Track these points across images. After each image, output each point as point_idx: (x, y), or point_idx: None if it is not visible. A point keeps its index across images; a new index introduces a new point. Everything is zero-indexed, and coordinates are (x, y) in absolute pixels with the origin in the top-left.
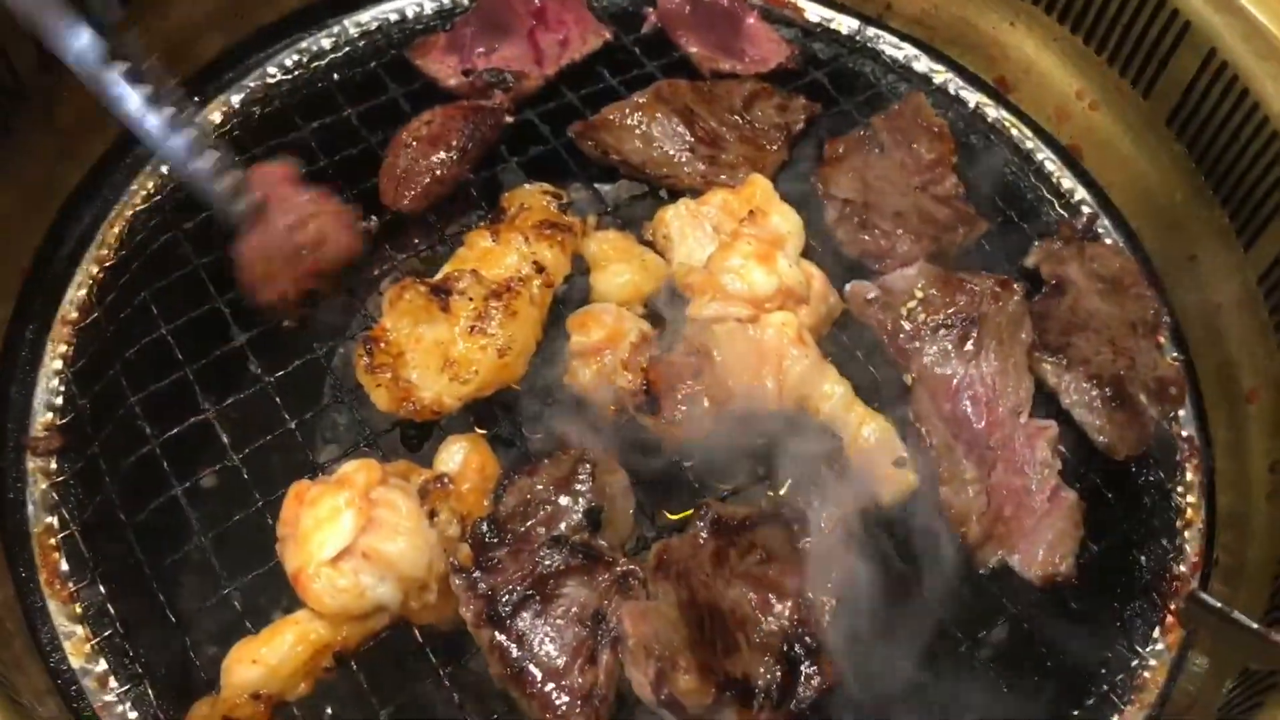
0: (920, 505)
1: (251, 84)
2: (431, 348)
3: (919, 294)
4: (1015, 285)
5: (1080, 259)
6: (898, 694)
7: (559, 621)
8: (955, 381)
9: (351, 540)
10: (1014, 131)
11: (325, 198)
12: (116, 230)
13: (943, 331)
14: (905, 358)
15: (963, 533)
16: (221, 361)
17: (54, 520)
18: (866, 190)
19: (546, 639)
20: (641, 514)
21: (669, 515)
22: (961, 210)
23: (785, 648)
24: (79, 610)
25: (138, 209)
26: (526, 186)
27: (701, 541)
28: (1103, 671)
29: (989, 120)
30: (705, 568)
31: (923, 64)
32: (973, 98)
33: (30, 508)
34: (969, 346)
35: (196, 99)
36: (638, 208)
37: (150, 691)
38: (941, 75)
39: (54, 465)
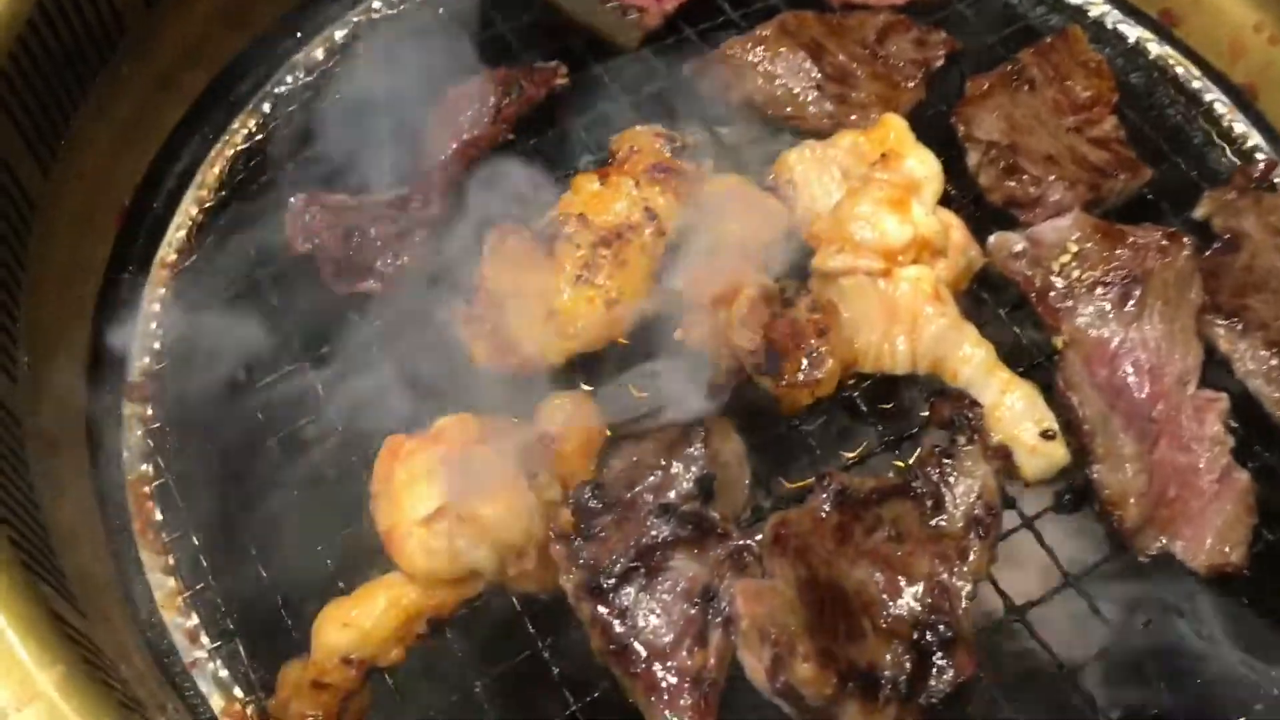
0: (1069, 483)
1: (357, 19)
2: (534, 298)
3: (1073, 247)
4: (1185, 239)
5: (1257, 210)
6: (1039, 691)
7: (666, 597)
8: (1113, 346)
9: (446, 500)
10: (1179, 70)
11: None
12: (216, 170)
13: (1100, 290)
14: (1055, 318)
15: (1118, 515)
16: (319, 309)
17: (149, 468)
18: (1013, 131)
19: (652, 615)
20: (757, 483)
21: (786, 484)
22: (1121, 155)
23: (916, 636)
24: (171, 562)
25: (238, 148)
26: (638, 128)
27: (823, 515)
28: (1273, 674)
29: (1151, 57)
30: (827, 544)
31: None
32: (1133, 32)
33: (125, 454)
34: (1130, 307)
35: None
36: (758, 150)
37: (241, 649)
38: (1098, 8)
39: (150, 411)
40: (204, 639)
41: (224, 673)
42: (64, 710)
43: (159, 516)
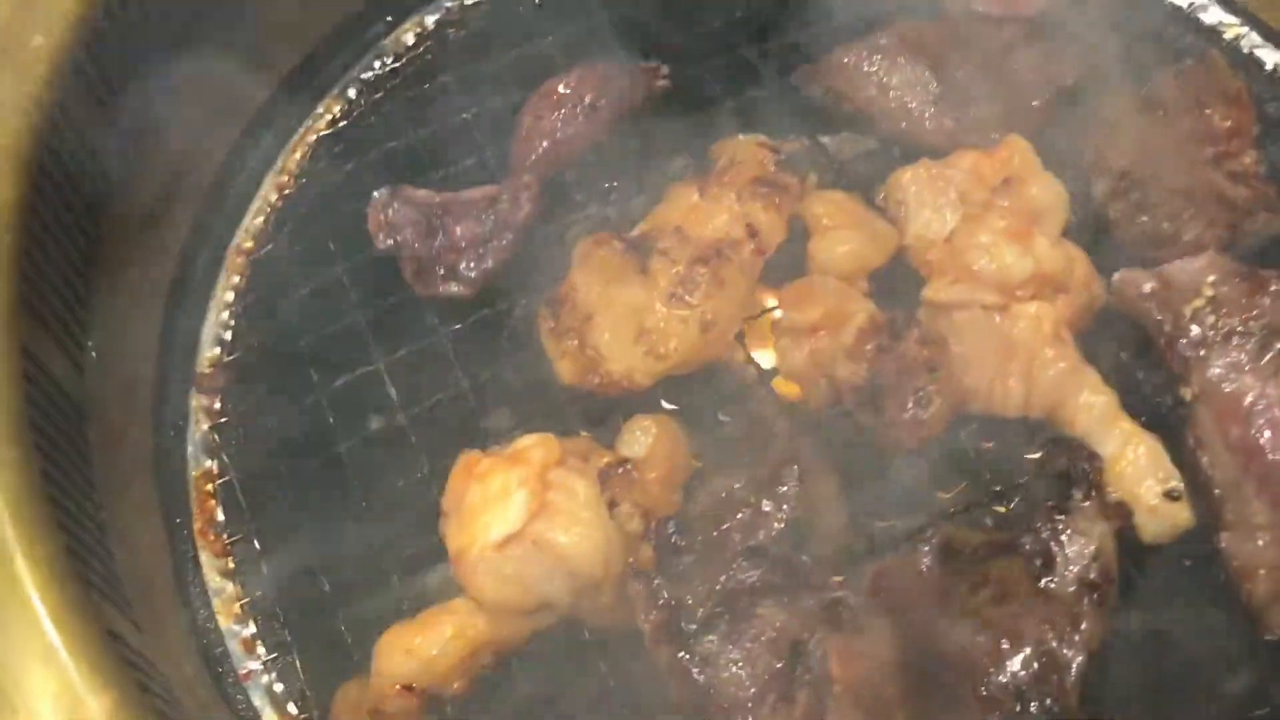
0: (1194, 548)
1: (450, 4)
2: (625, 313)
3: (1209, 291)
4: None
5: None
6: None
7: (751, 647)
8: (1249, 402)
9: (522, 525)
10: None
11: None
12: (298, 156)
13: (1236, 339)
14: (1185, 367)
15: (1248, 590)
16: (397, 308)
17: (213, 465)
18: (1147, 162)
19: (735, 666)
20: (850, 525)
21: (880, 524)
22: (1261, 191)
23: (1019, 708)
24: (231, 565)
25: (321, 134)
26: (740, 136)
27: (924, 569)
28: None
29: None
30: (928, 602)
31: (1212, 14)
32: (1271, 58)
33: (190, 448)
34: (1269, 360)
35: (390, 17)
36: (868, 167)
37: (298, 663)
38: (1233, 29)
39: (218, 405)
40: (260, 649)
41: (279, 687)
42: None
43: (221, 516)
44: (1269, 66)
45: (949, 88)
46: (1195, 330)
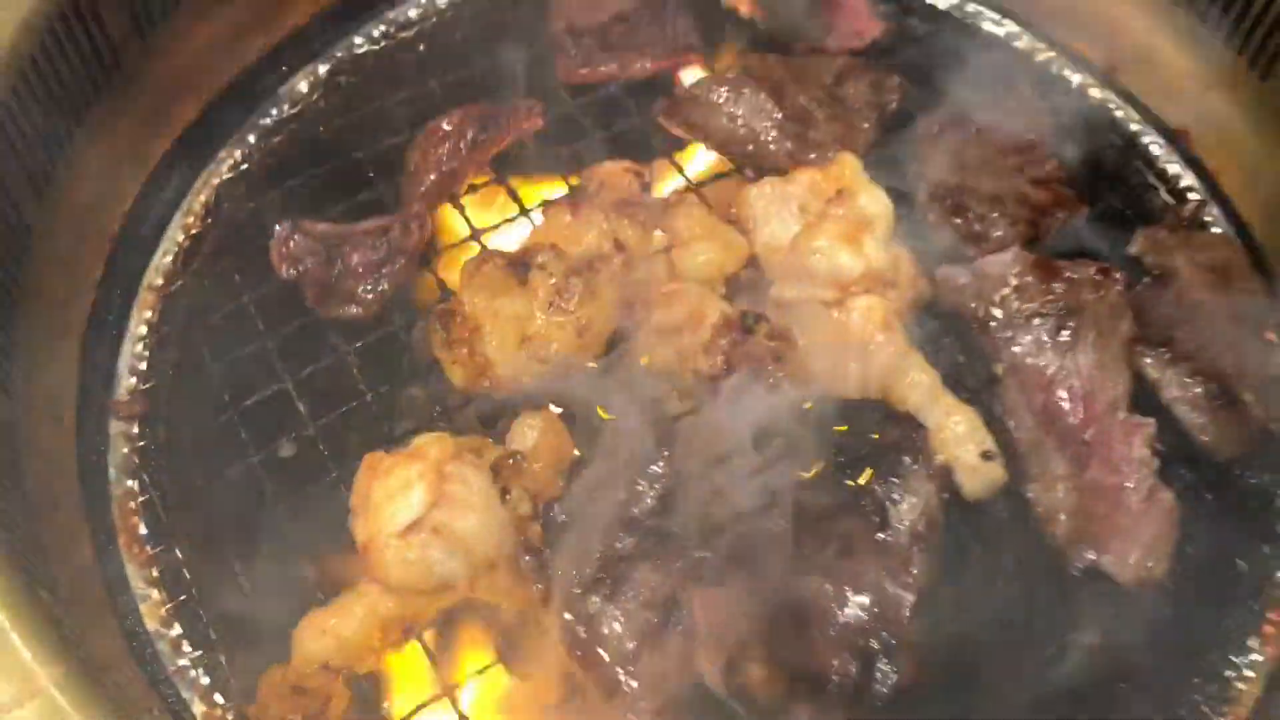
0: (1006, 501)
1: (339, 54)
2: (509, 323)
3: (1013, 281)
4: (1117, 274)
5: (1186, 248)
6: (977, 695)
7: (629, 606)
8: (1049, 373)
9: (422, 514)
10: (1119, 114)
11: None
12: (203, 199)
13: (1037, 321)
14: (996, 347)
15: (1050, 531)
16: (302, 331)
17: (134, 484)
18: (961, 172)
19: (616, 623)
20: (718, 499)
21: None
22: (1061, 193)
23: (862, 643)
24: (155, 574)
25: (224, 178)
26: (608, 163)
27: (779, 530)
28: (1194, 681)
29: (1093, 101)
30: (783, 557)
31: (1024, 42)
32: (1076, 77)
33: (112, 471)
34: (1065, 337)
35: (284, 67)
36: (722, 186)
37: (223, 658)
38: (1044, 54)
39: (136, 430)
40: (186, 648)
41: (205, 680)
42: (64, 706)
43: (144, 531)
44: (1074, 84)
45: (789, 114)
46: (1002, 315)
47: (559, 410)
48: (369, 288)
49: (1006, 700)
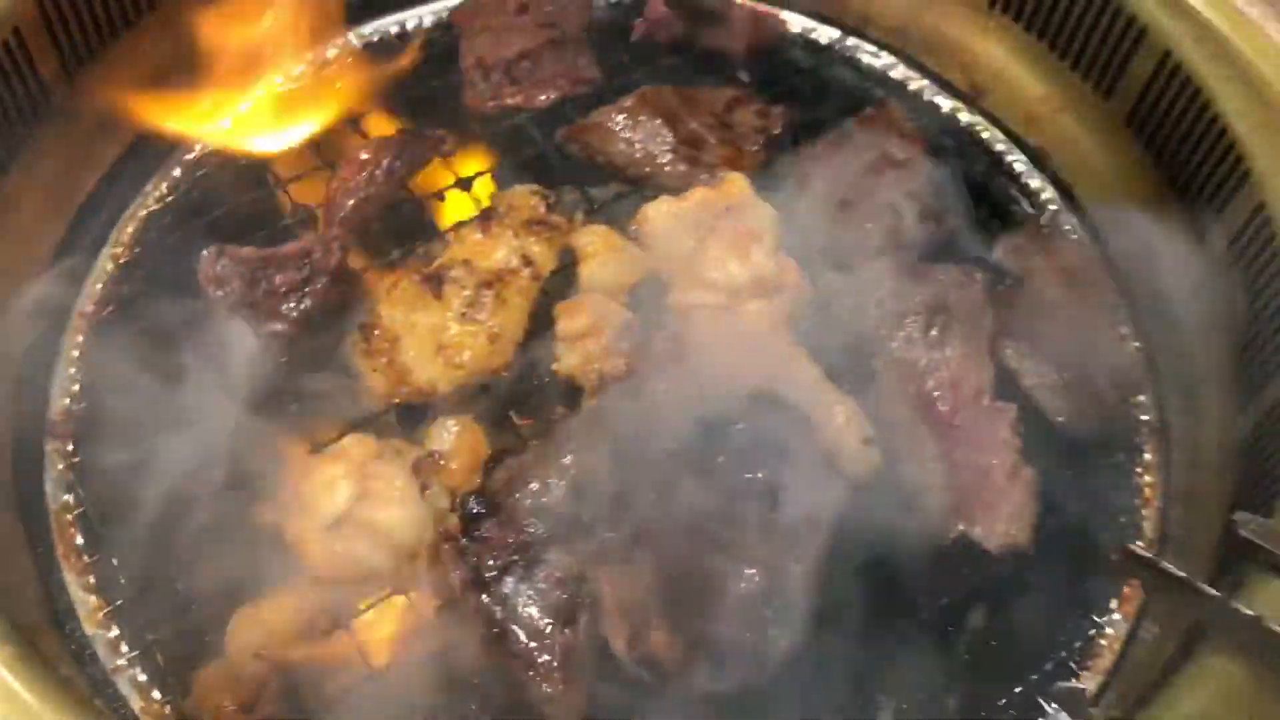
0: (886, 481)
1: (260, 94)
2: (425, 333)
3: (888, 284)
4: (977, 275)
5: (1044, 252)
6: (861, 655)
7: (541, 585)
8: (920, 365)
9: (346, 509)
10: (985, 135)
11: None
12: (131, 230)
13: (909, 319)
14: (873, 344)
15: (925, 506)
16: (231, 351)
17: (70, 498)
18: (840, 188)
19: (530, 602)
20: (625, 489)
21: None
22: (930, 206)
23: (755, 611)
24: (92, 581)
25: (151, 210)
26: (516, 187)
27: (678, 514)
28: (1061, 639)
29: (962, 124)
30: (681, 538)
31: (899, 72)
32: (947, 103)
33: (49, 486)
34: (934, 333)
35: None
36: (623, 205)
37: (159, 656)
38: (917, 82)
39: (70, 447)
40: (124, 648)
41: (143, 677)
42: (10, 684)
43: (80, 541)
44: (945, 109)
45: (682, 139)
46: (879, 315)
47: (474, 415)
48: (292, 306)
49: (890, 658)
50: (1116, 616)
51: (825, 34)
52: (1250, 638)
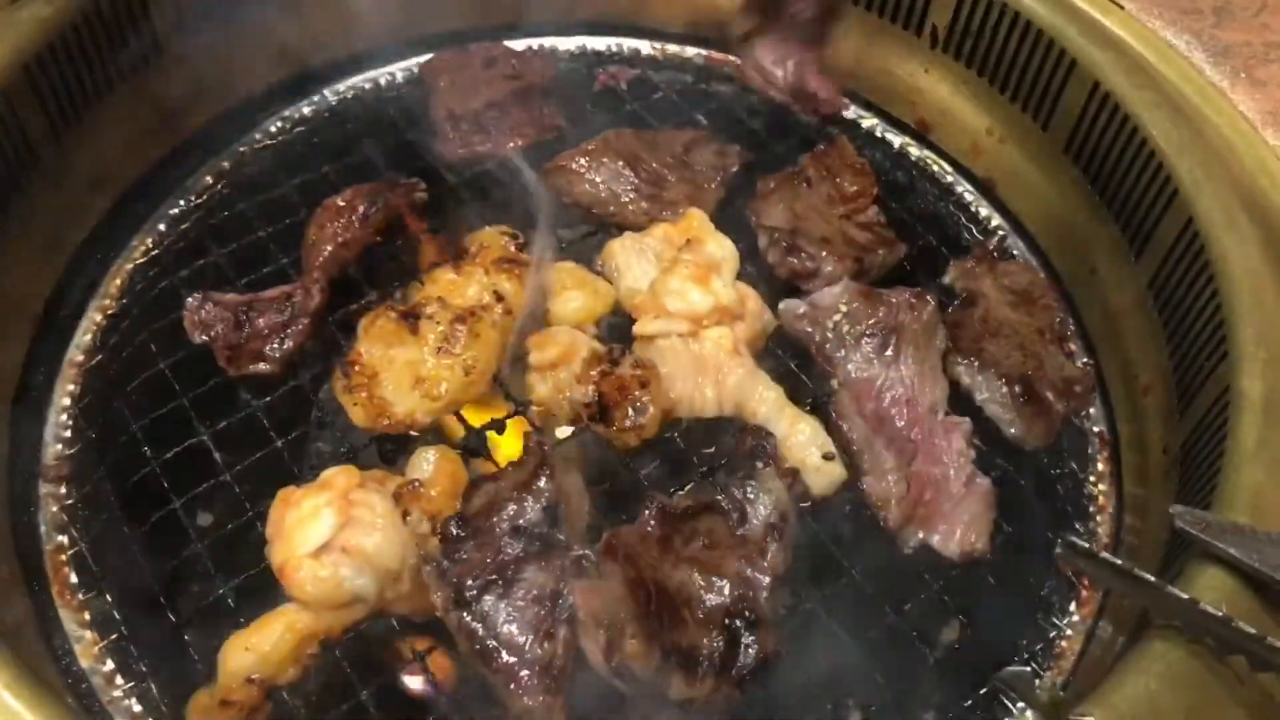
0: (847, 495)
1: (241, 149)
2: (403, 368)
3: (843, 308)
4: (928, 297)
5: (992, 275)
6: (830, 661)
7: (520, 603)
8: (877, 384)
9: (331, 536)
10: (935, 167)
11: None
12: (119, 282)
13: (865, 340)
14: (832, 365)
15: (885, 517)
16: (215, 391)
17: (64, 539)
18: (795, 220)
19: (509, 619)
20: (597, 512)
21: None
22: (882, 235)
23: (727, 621)
24: (87, 617)
25: (137, 262)
26: (487, 229)
27: (648, 529)
28: (1023, 642)
29: (912, 158)
30: (652, 552)
31: (851, 111)
32: (897, 139)
33: (43, 528)
34: (889, 353)
35: (189, 163)
36: (589, 243)
37: (153, 686)
38: (868, 120)
39: (63, 490)
40: (119, 680)
41: (138, 707)
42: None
43: (75, 579)
44: (896, 145)
45: (644, 179)
46: (835, 337)
47: (453, 442)
48: (275, 347)
49: (857, 664)
50: (1075, 618)
51: None
52: (1188, 620)
